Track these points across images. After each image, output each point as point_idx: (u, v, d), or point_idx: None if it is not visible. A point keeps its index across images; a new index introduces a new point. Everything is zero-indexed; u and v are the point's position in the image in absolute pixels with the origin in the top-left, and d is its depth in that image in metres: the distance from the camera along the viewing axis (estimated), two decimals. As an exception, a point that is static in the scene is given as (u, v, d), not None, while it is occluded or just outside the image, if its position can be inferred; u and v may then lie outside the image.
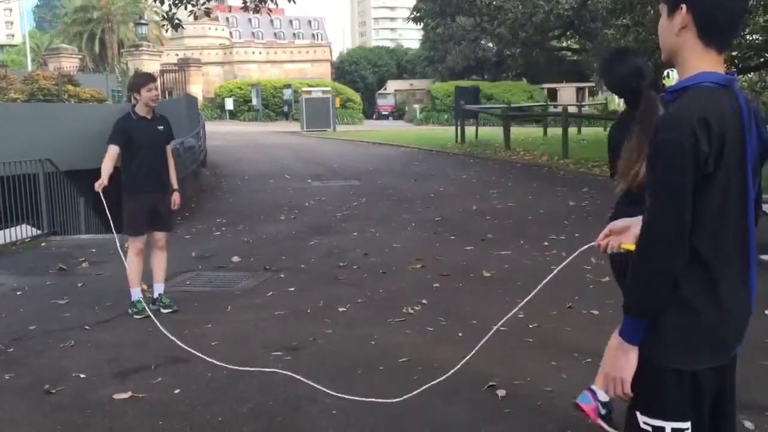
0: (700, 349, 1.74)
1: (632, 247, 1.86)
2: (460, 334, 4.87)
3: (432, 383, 3.02)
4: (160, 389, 4.03)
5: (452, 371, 2.93)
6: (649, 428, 1.78)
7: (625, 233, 1.99)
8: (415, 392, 3.06)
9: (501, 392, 3.83)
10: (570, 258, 2.33)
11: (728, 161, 1.68)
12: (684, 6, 1.73)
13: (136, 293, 5.62)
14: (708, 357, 1.76)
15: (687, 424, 1.76)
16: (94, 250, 8.25)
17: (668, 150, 1.66)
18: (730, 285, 1.75)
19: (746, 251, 1.79)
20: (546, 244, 7.70)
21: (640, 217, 1.97)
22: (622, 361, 1.78)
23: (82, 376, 4.25)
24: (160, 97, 5.75)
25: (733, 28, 1.80)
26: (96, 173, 5.42)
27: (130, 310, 5.57)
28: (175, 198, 5.70)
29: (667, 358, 1.74)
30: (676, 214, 1.66)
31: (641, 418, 1.79)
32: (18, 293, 6.39)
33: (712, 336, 1.75)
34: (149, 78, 5.71)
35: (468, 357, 2.78)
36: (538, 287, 2.44)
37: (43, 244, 8.88)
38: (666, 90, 1.83)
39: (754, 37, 24.20)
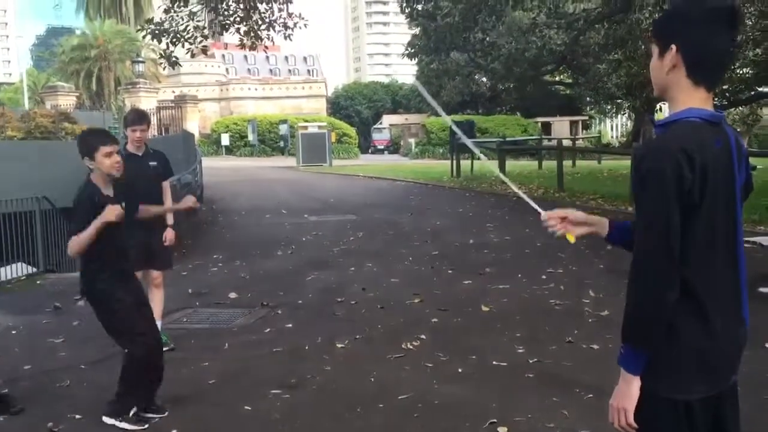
0: (692, 378, 1.77)
1: (573, 239, 2.03)
2: (459, 370, 4.83)
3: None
4: (157, 429, 3.97)
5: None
6: None
7: (577, 227, 2.09)
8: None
9: (502, 429, 3.79)
10: (525, 198, 2.29)
11: (714, 194, 1.73)
12: (674, 46, 1.80)
13: (132, 331, 5.56)
14: (700, 386, 1.78)
15: None
16: (90, 288, 8.20)
17: (653, 179, 1.71)
18: (720, 315, 1.78)
19: (737, 282, 1.83)
20: (544, 277, 7.69)
21: (597, 218, 2.09)
22: (624, 391, 1.80)
23: (77, 416, 4.19)
24: (146, 137, 5.66)
25: (721, 67, 1.89)
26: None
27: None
28: (168, 234, 5.58)
29: (660, 387, 1.77)
30: (664, 242, 1.70)
31: None
32: (13, 332, 6.33)
33: (704, 365, 1.78)
34: (135, 119, 5.55)
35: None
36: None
37: (38, 282, 8.83)
38: (655, 124, 1.88)
39: (744, 71, 24.58)
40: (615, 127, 73.92)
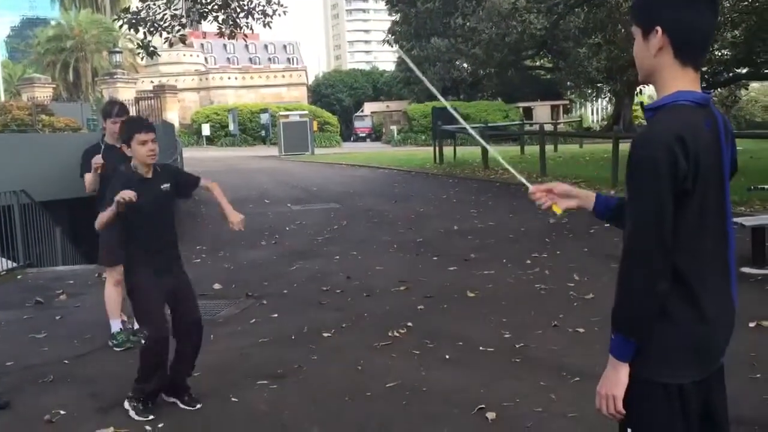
0: (685, 363, 1.76)
1: (559, 210, 2.04)
2: (447, 356, 4.83)
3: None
4: (143, 423, 3.93)
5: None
6: None
7: (563, 199, 2.06)
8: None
9: (491, 415, 3.79)
10: (514, 173, 2.37)
11: (705, 178, 1.71)
12: (659, 29, 1.76)
13: (115, 324, 5.51)
14: (693, 370, 1.77)
15: None
16: (71, 282, 8.11)
17: (646, 167, 1.68)
18: (711, 297, 1.77)
19: (726, 264, 1.82)
20: (528, 262, 7.70)
21: (583, 191, 2.08)
22: (612, 377, 1.79)
23: (62, 412, 4.14)
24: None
25: (706, 45, 1.87)
26: (72, 203, 5.31)
27: (110, 342, 5.46)
28: None
29: (653, 372, 1.75)
30: (657, 232, 1.68)
31: None
32: (-6, 328, 6.24)
33: (697, 349, 1.77)
34: (114, 111, 5.27)
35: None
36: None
37: (19, 277, 8.70)
38: (645, 108, 1.85)
39: (723, 52, 24.74)
40: (596, 111, 74.24)
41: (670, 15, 1.75)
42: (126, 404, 4.09)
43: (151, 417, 4.01)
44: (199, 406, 4.16)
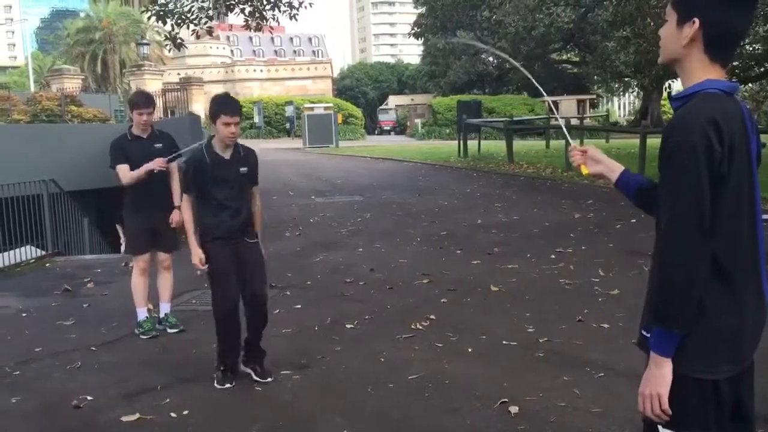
0: (720, 357, 1.73)
1: (586, 171, 2.13)
2: (469, 350, 4.82)
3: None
4: (168, 410, 3.98)
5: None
6: None
7: (595, 164, 2.11)
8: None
9: (514, 409, 3.77)
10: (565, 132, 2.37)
11: (738, 164, 1.69)
12: (697, 20, 1.73)
13: (141, 313, 5.58)
14: (728, 365, 1.74)
15: None
16: (99, 270, 8.23)
17: (682, 152, 1.66)
18: (746, 290, 1.74)
19: (757, 256, 1.79)
20: (553, 257, 7.65)
21: (611, 161, 2.09)
22: (656, 375, 1.74)
23: (89, 398, 4.21)
24: (151, 121, 5.59)
25: (736, 46, 1.85)
26: (100, 193, 5.38)
27: (136, 330, 5.53)
28: (175, 216, 5.50)
29: (688, 368, 1.72)
30: (696, 216, 1.65)
31: (663, 431, 1.77)
32: (23, 315, 6.35)
33: (732, 343, 1.74)
34: (141, 102, 5.53)
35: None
36: None
37: (47, 265, 8.85)
38: (672, 97, 1.83)
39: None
40: (623, 105, 73.39)
41: (711, 10, 1.73)
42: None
43: (227, 385, 4.28)
44: (269, 379, 4.36)
